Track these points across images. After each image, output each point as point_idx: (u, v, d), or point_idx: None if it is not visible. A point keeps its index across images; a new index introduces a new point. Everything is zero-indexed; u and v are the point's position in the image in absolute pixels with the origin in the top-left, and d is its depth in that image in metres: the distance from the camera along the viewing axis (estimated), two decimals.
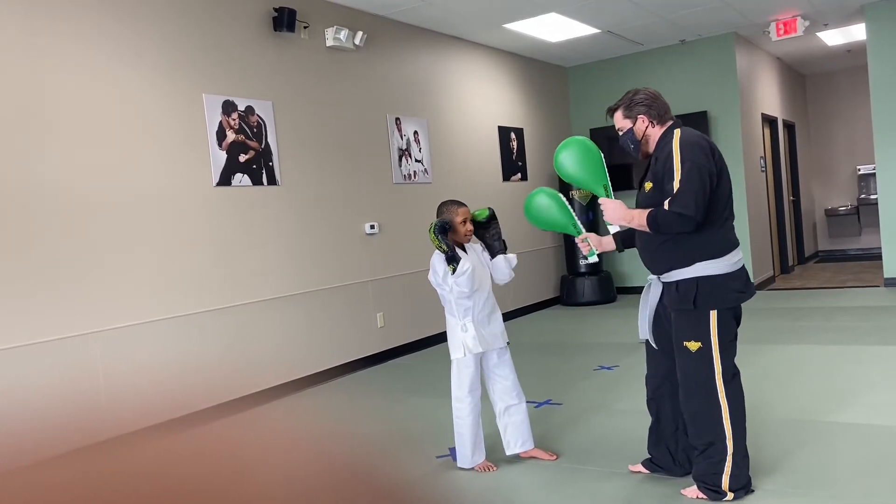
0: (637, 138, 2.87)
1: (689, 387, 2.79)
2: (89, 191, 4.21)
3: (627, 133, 2.89)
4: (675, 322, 2.79)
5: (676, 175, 2.66)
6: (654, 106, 2.85)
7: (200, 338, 4.74)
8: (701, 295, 2.71)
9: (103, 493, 0.38)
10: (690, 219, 2.63)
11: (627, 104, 2.87)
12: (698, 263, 2.72)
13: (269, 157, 5.30)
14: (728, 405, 2.74)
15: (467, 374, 3.31)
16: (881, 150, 7.68)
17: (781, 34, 7.81)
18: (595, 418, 4.06)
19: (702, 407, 2.77)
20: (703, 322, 2.73)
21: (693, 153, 2.68)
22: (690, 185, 2.63)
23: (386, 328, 6.25)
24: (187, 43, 4.81)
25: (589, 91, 9.18)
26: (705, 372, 2.74)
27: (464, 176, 7.37)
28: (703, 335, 2.73)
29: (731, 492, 2.78)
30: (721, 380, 2.74)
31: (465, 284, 3.21)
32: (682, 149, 2.69)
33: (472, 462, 3.36)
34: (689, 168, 2.65)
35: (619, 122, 2.91)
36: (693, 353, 2.75)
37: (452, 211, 3.33)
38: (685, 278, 2.74)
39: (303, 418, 0.47)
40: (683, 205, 2.62)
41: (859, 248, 11.26)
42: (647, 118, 2.84)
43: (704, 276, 2.71)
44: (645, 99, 2.86)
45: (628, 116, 2.87)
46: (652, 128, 2.85)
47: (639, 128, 2.86)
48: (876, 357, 4.88)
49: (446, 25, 6.97)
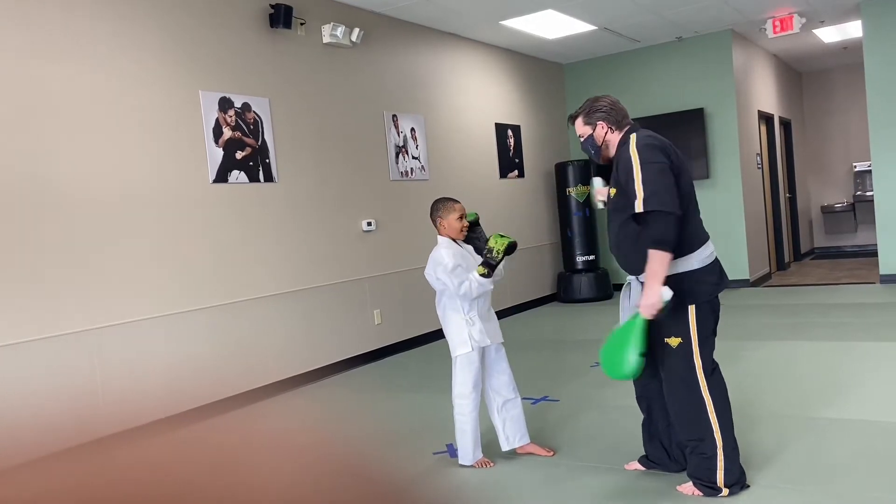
0: (597, 144, 2.96)
1: (673, 383, 2.82)
2: (86, 187, 4.20)
3: (588, 139, 2.99)
4: (655, 320, 2.81)
5: (637, 177, 2.70)
6: (612, 112, 2.93)
7: (196, 335, 4.73)
8: (681, 292, 2.73)
9: (101, 491, 0.39)
10: (670, 214, 2.66)
11: (587, 111, 2.97)
12: (673, 261, 2.74)
13: (265, 154, 5.30)
14: (712, 399, 2.77)
15: (473, 370, 3.31)
16: (877, 147, 7.70)
17: (778, 31, 7.82)
18: (591, 414, 4.07)
19: (686, 404, 2.79)
20: (682, 318, 2.76)
21: (651, 154, 2.73)
22: (658, 184, 2.68)
23: (383, 325, 6.25)
24: (184, 40, 4.80)
25: (585, 88, 9.16)
26: (686, 368, 2.78)
27: (461, 173, 7.37)
28: (683, 331, 2.76)
29: (726, 487, 2.79)
30: (702, 374, 2.77)
31: (484, 287, 3.24)
32: (639, 152, 2.75)
33: (473, 458, 3.37)
34: (649, 169, 2.70)
35: (579, 129, 3.01)
36: (674, 348, 2.78)
37: (448, 208, 3.34)
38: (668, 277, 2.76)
39: (299, 415, 0.47)
40: (660, 203, 2.66)
41: (855, 245, 11.29)
42: (605, 124, 2.93)
43: (681, 272, 2.74)
44: (604, 106, 2.94)
45: (588, 123, 2.97)
46: (611, 133, 2.93)
47: (598, 134, 2.95)
48: (870, 353, 4.90)
49: (443, 22, 6.96)
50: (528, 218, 8.45)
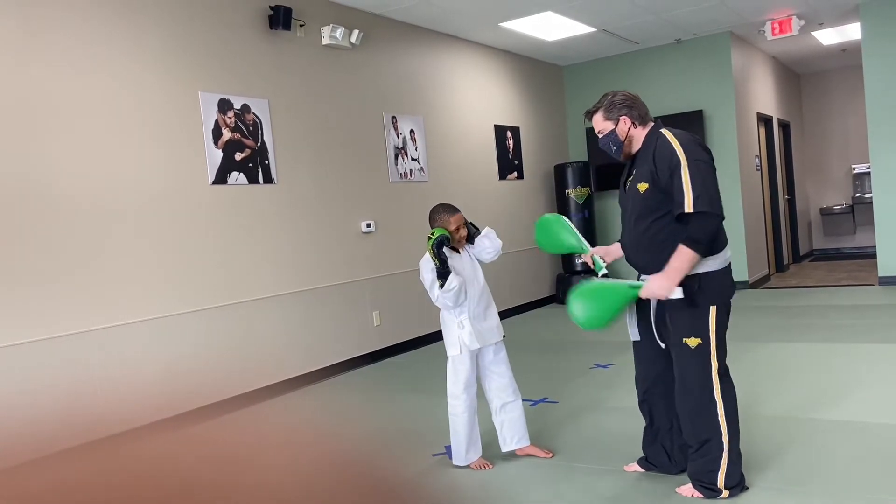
0: (620, 139, 2.84)
1: (687, 384, 2.80)
2: (84, 189, 4.20)
3: (609, 135, 2.86)
4: (674, 320, 2.80)
5: (685, 176, 2.62)
6: (635, 107, 2.83)
7: (195, 336, 4.73)
8: (703, 292, 2.72)
9: (101, 492, 0.39)
10: (717, 216, 2.64)
11: (608, 106, 2.85)
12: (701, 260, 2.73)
13: (265, 155, 5.30)
14: (723, 401, 2.76)
15: (463, 371, 3.32)
16: (875, 149, 7.71)
17: (777, 33, 7.83)
18: (591, 416, 4.07)
19: (698, 404, 2.78)
20: (702, 318, 2.74)
21: (697, 153, 2.68)
22: (708, 184, 2.63)
23: (382, 326, 6.25)
24: (183, 41, 4.80)
25: (585, 90, 9.18)
26: (703, 368, 2.76)
27: (460, 174, 7.37)
28: (703, 331, 2.74)
29: (726, 489, 2.79)
30: (717, 376, 2.76)
31: (450, 299, 3.23)
32: (684, 148, 2.67)
33: (466, 459, 3.37)
34: (697, 168, 2.63)
35: (598, 125, 2.89)
36: (693, 349, 2.76)
37: (445, 219, 3.31)
38: (688, 276, 2.74)
39: (299, 416, 0.48)
40: (710, 204, 2.61)
41: (854, 247, 11.30)
42: (629, 119, 2.82)
43: (704, 272, 2.73)
44: (625, 100, 2.84)
45: (609, 118, 2.85)
46: (635, 128, 2.83)
47: (621, 129, 2.83)
48: (870, 355, 4.90)
49: (442, 24, 6.97)
50: (527, 219, 8.45)
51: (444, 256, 3.20)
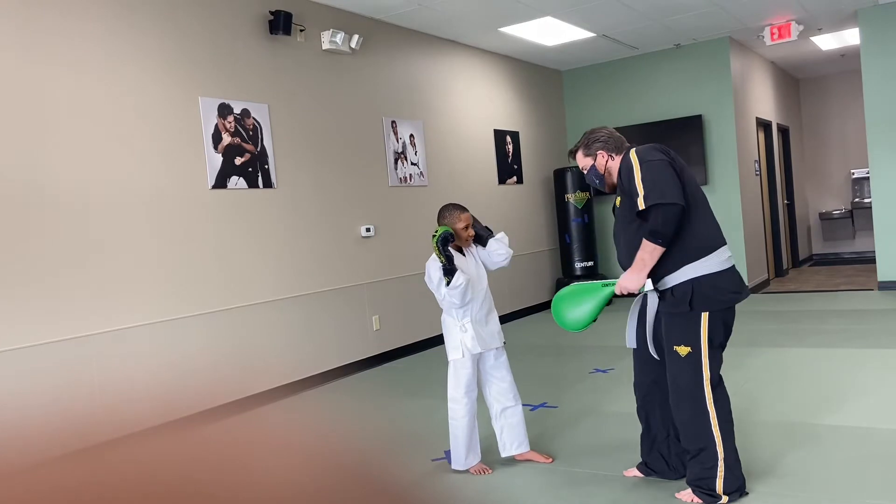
0: (600, 172, 3.01)
1: (678, 393, 2.81)
2: (85, 193, 4.21)
3: (591, 170, 3.03)
4: (667, 326, 2.81)
5: (637, 176, 2.75)
6: (609, 141, 2.99)
7: (195, 341, 4.73)
8: (696, 297, 2.72)
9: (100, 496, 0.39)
10: (673, 205, 2.67)
11: (586, 143, 3.03)
12: (686, 266, 2.75)
13: (264, 159, 5.30)
14: (715, 411, 2.76)
15: (464, 375, 3.32)
16: (875, 154, 7.72)
17: (776, 38, 7.84)
18: (590, 421, 4.06)
19: (690, 415, 2.79)
20: (694, 326, 2.74)
21: (651, 154, 2.79)
22: (658, 178, 2.71)
23: (381, 331, 6.24)
24: (183, 46, 4.81)
25: (584, 95, 9.20)
26: (693, 377, 2.76)
27: (459, 179, 7.38)
28: (694, 340, 2.75)
29: (725, 495, 2.79)
30: (709, 386, 2.76)
31: (457, 297, 3.23)
32: (638, 154, 2.82)
33: (465, 464, 3.36)
34: (648, 166, 2.75)
35: (581, 162, 3.06)
36: (683, 357, 2.77)
37: (455, 217, 3.33)
38: (680, 282, 2.75)
39: (298, 421, 0.48)
40: (660, 195, 2.68)
41: (853, 252, 11.30)
42: (605, 153, 2.98)
43: (697, 277, 2.73)
44: (601, 136, 3.01)
45: (588, 154, 3.03)
46: (611, 160, 2.98)
47: (600, 163, 3.00)
48: (869, 360, 4.90)
49: (442, 29, 6.98)
50: (526, 224, 8.46)
51: (449, 253, 3.21)
